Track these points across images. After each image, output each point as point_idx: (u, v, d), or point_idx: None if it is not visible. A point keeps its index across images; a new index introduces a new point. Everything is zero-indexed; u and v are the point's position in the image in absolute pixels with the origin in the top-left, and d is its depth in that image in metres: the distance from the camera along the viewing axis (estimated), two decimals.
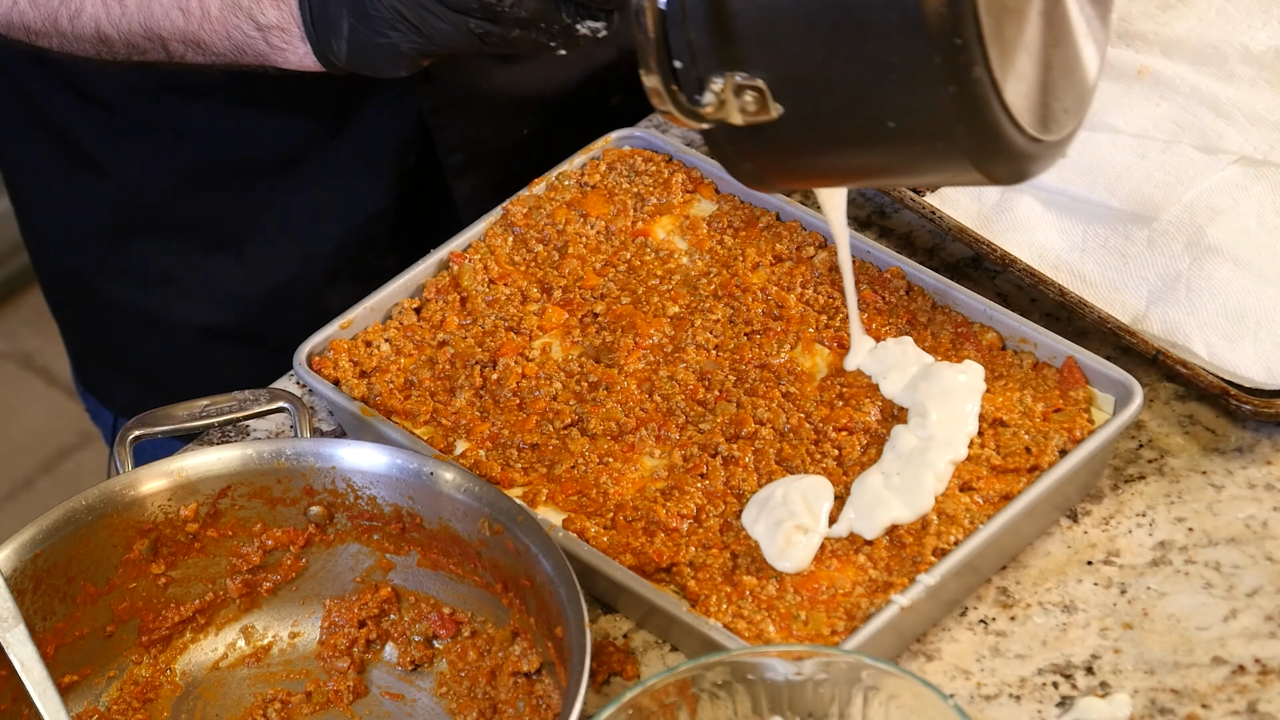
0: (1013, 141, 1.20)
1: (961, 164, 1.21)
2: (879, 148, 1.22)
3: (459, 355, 1.50)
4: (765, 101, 1.18)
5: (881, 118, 1.19)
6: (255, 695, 1.40)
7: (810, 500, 1.36)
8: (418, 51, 1.34)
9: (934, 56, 1.15)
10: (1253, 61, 1.65)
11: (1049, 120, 1.23)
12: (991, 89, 1.17)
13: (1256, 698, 1.30)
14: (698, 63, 1.19)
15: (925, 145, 1.21)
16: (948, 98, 1.17)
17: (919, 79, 1.16)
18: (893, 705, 1.20)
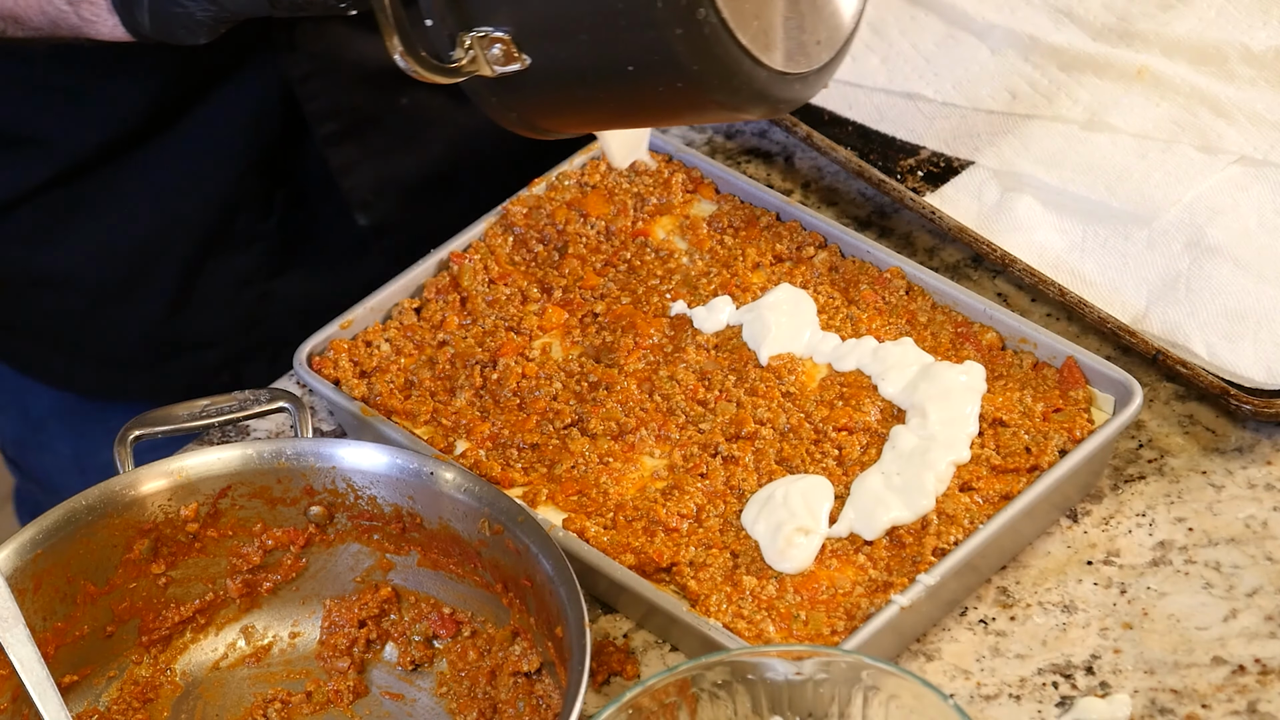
0: (754, 77, 1.24)
1: (709, 102, 1.26)
2: (627, 91, 1.26)
3: (459, 355, 1.50)
4: (512, 52, 1.23)
5: (621, 62, 1.23)
6: (255, 695, 1.40)
7: (810, 500, 1.36)
8: (213, 18, 1.38)
9: (656, 2, 1.19)
10: (1253, 61, 1.65)
11: (798, 52, 1.27)
12: (721, 28, 1.21)
13: (1256, 698, 1.30)
14: (445, 21, 1.23)
15: (668, 87, 1.24)
16: (677, 40, 1.20)
17: (646, 23, 1.20)
18: (893, 705, 1.20)
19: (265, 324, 1.77)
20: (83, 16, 1.43)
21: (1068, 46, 1.68)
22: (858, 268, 1.51)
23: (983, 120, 1.66)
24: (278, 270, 1.76)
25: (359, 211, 1.72)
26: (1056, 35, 1.69)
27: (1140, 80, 1.65)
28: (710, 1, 1.20)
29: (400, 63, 1.22)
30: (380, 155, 1.69)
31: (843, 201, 1.63)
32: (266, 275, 1.75)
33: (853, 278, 1.51)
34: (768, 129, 1.70)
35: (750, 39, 1.23)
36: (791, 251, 1.53)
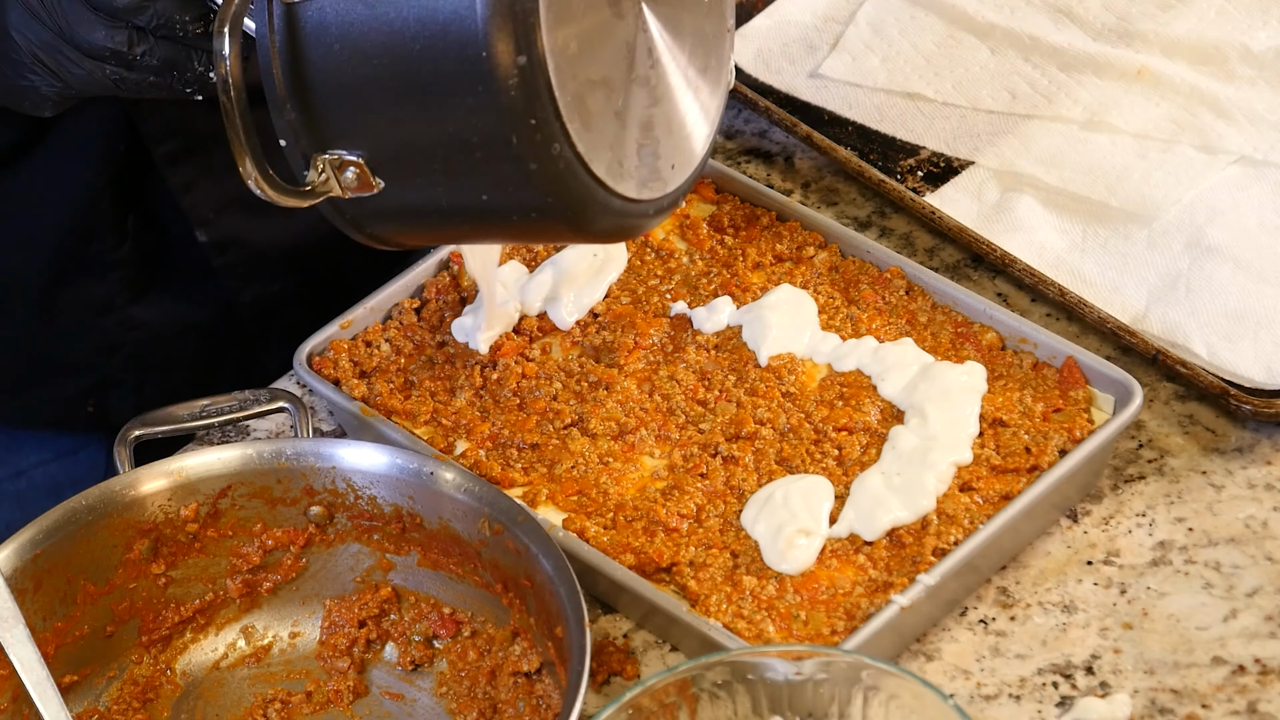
0: (608, 206, 1.25)
1: (561, 229, 1.27)
2: (480, 216, 1.26)
3: (459, 355, 1.50)
4: (366, 177, 1.24)
5: (475, 192, 1.24)
6: (255, 695, 1.40)
7: (810, 501, 1.36)
8: (58, 95, 1.38)
9: (511, 137, 1.20)
10: (1253, 61, 1.65)
11: (652, 179, 1.28)
12: (576, 162, 1.22)
13: (1256, 698, 1.30)
14: (300, 141, 1.24)
15: (521, 216, 1.25)
16: (531, 174, 1.21)
17: (500, 157, 1.21)
18: (893, 705, 1.20)
19: (125, 349, 1.76)
20: None
21: (1068, 46, 1.68)
22: (858, 268, 1.51)
23: (983, 120, 1.66)
24: (135, 296, 1.75)
25: (199, 228, 1.72)
26: (1056, 35, 1.69)
27: (1140, 80, 1.65)
28: (564, 136, 1.21)
29: (253, 188, 1.22)
30: (219, 173, 1.68)
31: (843, 201, 1.63)
32: (125, 302, 1.75)
33: (853, 278, 1.51)
34: (768, 129, 1.70)
35: (605, 170, 1.24)
36: (791, 251, 1.53)
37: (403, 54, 1.20)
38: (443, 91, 1.20)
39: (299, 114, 1.23)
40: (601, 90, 1.24)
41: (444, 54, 1.19)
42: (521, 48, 1.18)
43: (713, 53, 1.33)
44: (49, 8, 1.33)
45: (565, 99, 1.20)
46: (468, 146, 1.21)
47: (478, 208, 1.25)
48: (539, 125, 1.20)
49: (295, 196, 1.24)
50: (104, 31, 1.32)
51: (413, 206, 1.27)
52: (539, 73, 1.19)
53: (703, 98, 1.33)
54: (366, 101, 1.22)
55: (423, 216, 1.28)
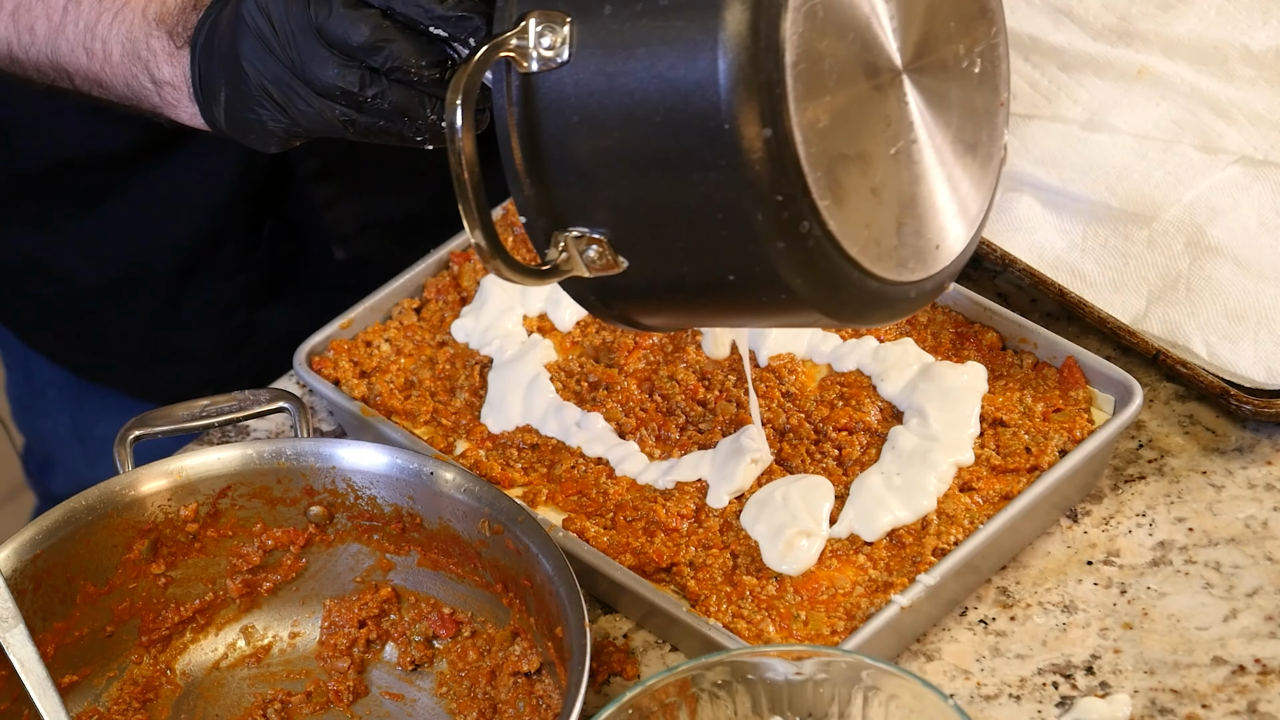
0: (863, 288, 1.18)
1: (812, 313, 1.19)
2: (728, 298, 1.20)
3: (459, 355, 1.50)
4: (608, 255, 1.18)
5: (721, 271, 1.17)
6: (255, 695, 1.40)
7: (810, 501, 1.36)
8: (285, 131, 1.35)
9: (756, 214, 1.13)
10: (1253, 61, 1.65)
11: (913, 259, 1.20)
12: (827, 241, 1.14)
13: (1256, 698, 1.30)
14: (540, 218, 1.19)
15: (770, 297, 1.18)
16: (778, 253, 1.14)
17: (746, 236, 1.14)
18: (893, 705, 1.20)
19: (246, 351, 1.79)
20: (164, 99, 1.42)
21: (1068, 46, 1.68)
22: None
23: None
24: (261, 302, 1.78)
25: (337, 245, 1.73)
26: (1056, 35, 1.69)
27: (1140, 80, 1.65)
28: (814, 214, 1.14)
29: (483, 260, 1.17)
30: (365, 193, 1.70)
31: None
32: (249, 306, 1.78)
33: None
34: None
35: (859, 250, 1.16)
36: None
37: (643, 126, 1.14)
38: (684, 166, 1.14)
39: (537, 189, 1.18)
40: (857, 166, 1.15)
41: (685, 126, 1.13)
42: (767, 120, 1.11)
43: (984, 127, 1.24)
44: (283, 41, 1.28)
45: (815, 174, 1.13)
46: (712, 223, 1.15)
47: (725, 288, 1.18)
48: (785, 202, 1.13)
49: (535, 277, 1.18)
50: (336, 70, 1.27)
51: (659, 287, 1.20)
52: (785, 147, 1.12)
53: (970, 175, 1.23)
54: (606, 176, 1.16)
55: (670, 296, 1.22)
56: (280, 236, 1.75)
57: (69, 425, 1.90)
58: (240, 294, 1.78)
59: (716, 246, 1.16)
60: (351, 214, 1.73)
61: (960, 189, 1.23)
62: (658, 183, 1.15)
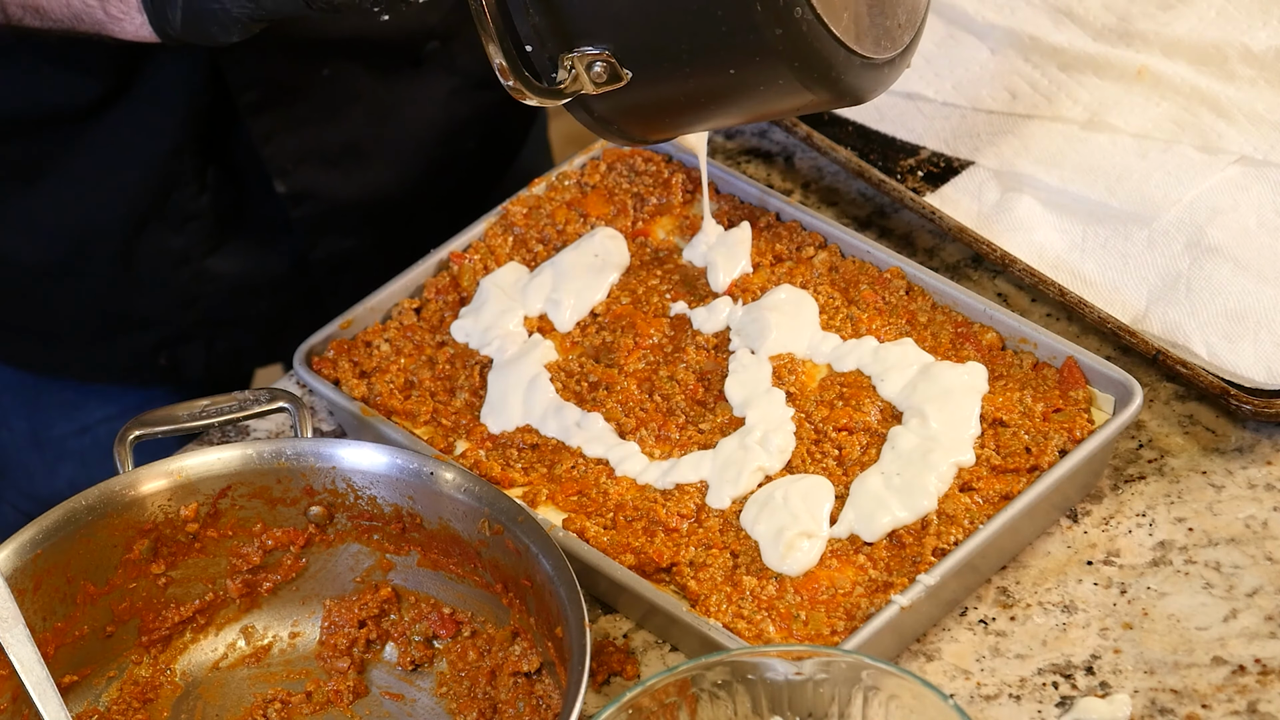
0: (850, 67, 1.30)
1: (807, 94, 1.31)
2: (727, 93, 1.31)
3: (459, 355, 1.50)
4: (615, 69, 1.27)
5: (723, 67, 1.27)
6: (255, 695, 1.40)
7: (810, 501, 1.36)
8: (248, 16, 1.38)
9: (755, 4, 1.24)
10: (1253, 61, 1.65)
11: (884, 38, 1.33)
12: (818, 24, 1.26)
13: (1256, 698, 1.30)
14: (546, 44, 1.27)
15: (768, 84, 1.29)
16: (777, 40, 1.25)
17: (746, 27, 1.25)
18: (893, 705, 1.20)
19: (201, 303, 1.79)
20: (109, 13, 1.43)
21: (1068, 46, 1.68)
22: (858, 268, 1.51)
23: (983, 120, 1.66)
24: (212, 248, 1.77)
25: (277, 179, 1.73)
26: (1056, 35, 1.69)
27: (1140, 80, 1.65)
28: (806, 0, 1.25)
29: (500, 78, 1.24)
30: (301, 124, 1.71)
31: (843, 201, 1.63)
32: (201, 254, 1.77)
33: (853, 278, 1.51)
34: (768, 129, 1.70)
35: (843, 30, 1.28)
36: (791, 251, 1.53)
37: None
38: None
39: (542, 15, 1.26)
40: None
41: None
42: None
43: None
44: None
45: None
46: (713, 20, 1.24)
47: (725, 85, 1.29)
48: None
49: (548, 96, 1.27)
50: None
51: (662, 94, 1.30)
52: None
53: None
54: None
55: (671, 103, 1.31)
56: (223, 180, 1.75)
57: (26, 430, 1.88)
58: (190, 244, 1.76)
59: (718, 43, 1.26)
60: (289, 146, 1.73)
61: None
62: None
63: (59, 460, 1.87)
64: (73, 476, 1.84)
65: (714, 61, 1.28)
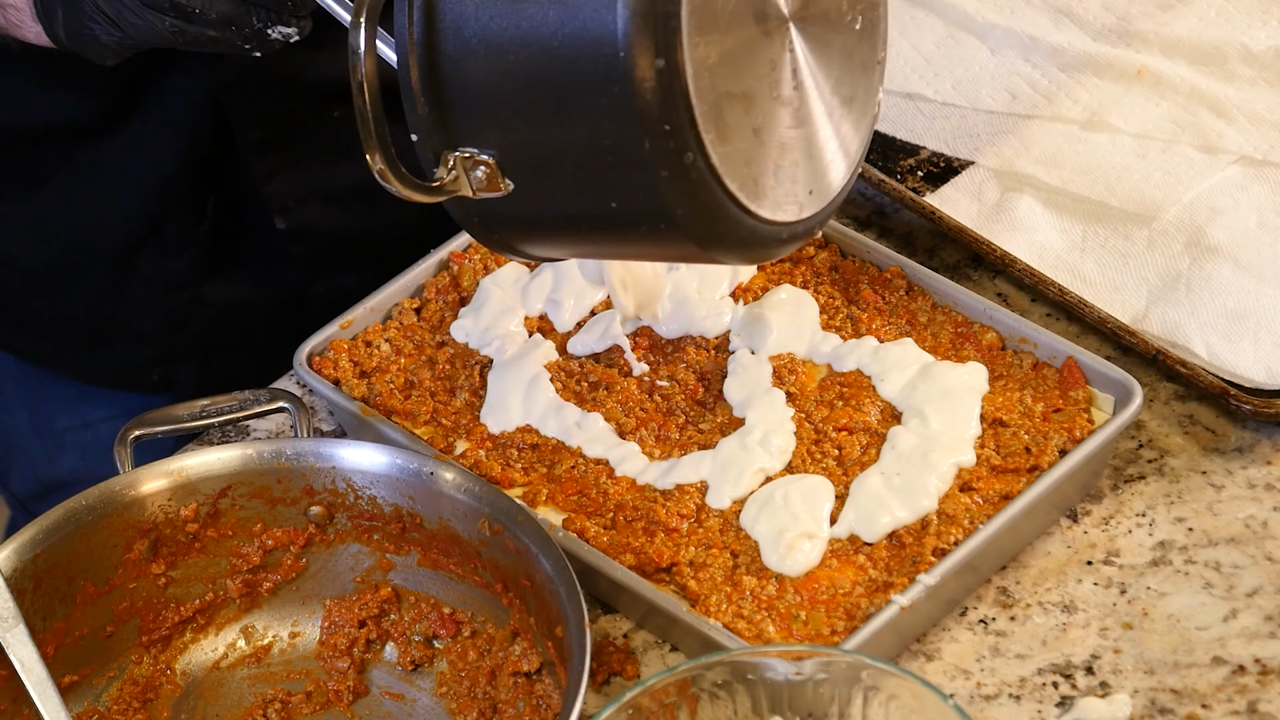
0: (739, 224, 1.22)
1: (688, 244, 1.23)
2: (608, 226, 1.24)
3: (459, 355, 1.50)
4: (496, 177, 1.22)
5: (604, 198, 1.22)
6: (255, 695, 1.40)
7: (810, 501, 1.36)
8: (118, 44, 1.39)
9: (644, 141, 1.18)
10: (1253, 61, 1.65)
11: (787, 202, 1.25)
12: (709, 173, 1.19)
13: (1256, 698, 1.30)
14: (431, 137, 1.22)
15: (650, 227, 1.22)
16: (662, 182, 1.19)
17: (632, 162, 1.19)
18: (893, 705, 1.20)
19: (194, 327, 1.79)
20: (9, 19, 1.45)
21: (1068, 46, 1.68)
22: (858, 268, 1.51)
23: (983, 120, 1.66)
24: (209, 274, 1.78)
25: (278, 216, 1.73)
26: (1056, 35, 1.69)
27: (1140, 80, 1.65)
28: (699, 146, 1.19)
29: (380, 180, 1.21)
30: (305, 164, 1.71)
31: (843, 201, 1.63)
32: (197, 279, 1.77)
33: (853, 278, 1.51)
34: None
35: (738, 186, 1.22)
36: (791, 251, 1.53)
37: (540, 51, 1.18)
38: (578, 91, 1.18)
39: (431, 109, 1.22)
40: (741, 104, 1.21)
41: (582, 52, 1.17)
42: (660, 51, 1.16)
43: (860, 82, 1.31)
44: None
45: (702, 108, 1.18)
46: (600, 150, 1.19)
47: (607, 216, 1.23)
48: (673, 131, 1.18)
49: (423, 192, 1.22)
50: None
51: (542, 212, 1.25)
52: (676, 79, 1.17)
53: (845, 127, 1.30)
54: (501, 98, 1.21)
55: (551, 223, 1.26)
56: (223, 210, 1.75)
57: (28, 418, 1.89)
58: (186, 269, 1.77)
59: (603, 173, 1.20)
60: (292, 184, 1.73)
61: (834, 141, 1.29)
62: (550, 106, 1.20)
63: (60, 450, 1.87)
64: (74, 467, 1.85)
65: (597, 190, 1.22)
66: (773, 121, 1.24)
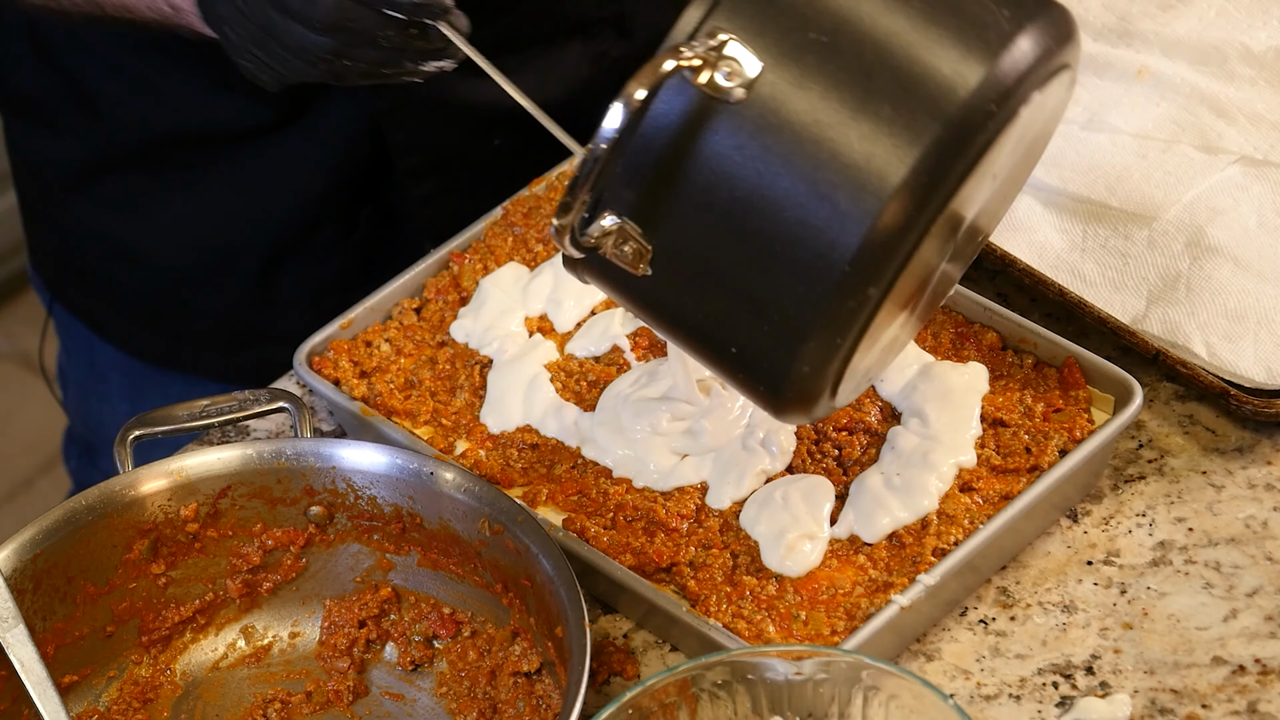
0: (817, 410, 1.24)
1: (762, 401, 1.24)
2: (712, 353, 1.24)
3: (459, 355, 1.50)
4: (640, 261, 1.20)
5: (729, 338, 1.21)
6: (255, 695, 1.40)
7: (811, 501, 1.36)
8: (274, 80, 1.41)
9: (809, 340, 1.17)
10: (1253, 61, 1.65)
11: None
12: (830, 379, 1.21)
13: (1256, 698, 1.30)
14: (607, 196, 1.19)
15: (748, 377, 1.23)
16: (789, 368, 1.19)
17: (779, 341, 1.18)
18: (893, 705, 1.20)
19: None
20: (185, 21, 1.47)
21: None
22: None
23: None
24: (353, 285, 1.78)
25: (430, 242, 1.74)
26: None
27: (1140, 80, 1.65)
28: (844, 360, 1.20)
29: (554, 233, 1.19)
30: (464, 191, 1.71)
31: None
32: (343, 288, 1.78)
33: None
34: None
35: (842, 388, 1.24)
36: None
37: (768, 209, 1.16)
38: (779, 262, 1.16)
39: (630, 176, 1.18)
40: (884, 325, 1.23)
41: (808, 238, 1.15)
42: (876, 283, 1.16)
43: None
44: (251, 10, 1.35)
45: (867, 334, 1.20)
46: (761, 313, 1.18)
47: (717, 348, 1.23)
48: (834, 345, 1.19)
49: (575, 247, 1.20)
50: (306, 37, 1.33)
51: (659, 307, 1.23)
52: (873, 310, 1.18)
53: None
54: (698, 215, 1.18)
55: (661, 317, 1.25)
56: (376, 222, 1.76)
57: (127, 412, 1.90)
58: (333, 277, 1.78)
59: (745, 325, 1.20)
60: (445, 210, 1.74)
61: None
62: (742, 256, 1.18)
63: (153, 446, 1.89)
64: None
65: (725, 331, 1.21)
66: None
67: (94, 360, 1.91)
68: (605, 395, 1.44)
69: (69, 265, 1.88)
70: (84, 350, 1.93)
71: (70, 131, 1.78)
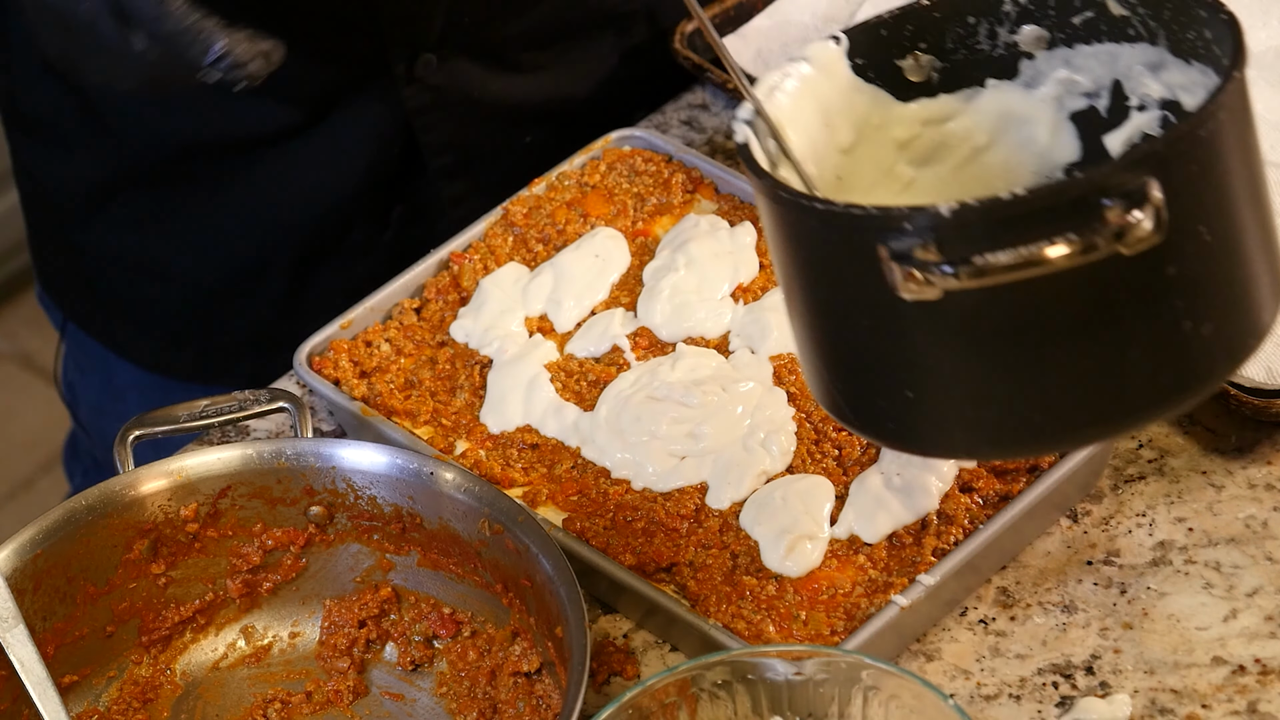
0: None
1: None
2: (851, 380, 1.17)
3: (459, 355, 1.50)
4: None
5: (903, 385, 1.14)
6: (255, 695, 1.40)
7: (811, 501, 1.36)
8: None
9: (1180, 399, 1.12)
10: (1252, 61, 1.65)
11: None
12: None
13: (1256, 698, 1.30)
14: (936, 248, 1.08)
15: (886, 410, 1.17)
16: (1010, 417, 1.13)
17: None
18: (893, 705, 1.20)
19: None
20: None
21: None
22: None
23: None
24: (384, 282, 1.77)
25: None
26: None
27: None
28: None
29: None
30: (495, 189, 1.70)
31: None
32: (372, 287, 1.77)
33: None
34: None
35: None
36: None
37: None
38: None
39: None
40: None
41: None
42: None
43: None
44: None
45: None
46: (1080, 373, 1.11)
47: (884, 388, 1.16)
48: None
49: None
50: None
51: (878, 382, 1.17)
52: None
53: None
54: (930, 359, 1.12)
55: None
56: (407, 220, 1.76)
57: None
58: (366, 277, 1.77)
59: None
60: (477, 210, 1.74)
61: None
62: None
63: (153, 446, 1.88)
64: None
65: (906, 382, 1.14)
66: None
67: (111, 379, 1.90)
68: (605, 395, 1.44)
69: (85, 286, 1.86)
70: (100, 369, 1.91)
71: (84, 150, 1.76)
